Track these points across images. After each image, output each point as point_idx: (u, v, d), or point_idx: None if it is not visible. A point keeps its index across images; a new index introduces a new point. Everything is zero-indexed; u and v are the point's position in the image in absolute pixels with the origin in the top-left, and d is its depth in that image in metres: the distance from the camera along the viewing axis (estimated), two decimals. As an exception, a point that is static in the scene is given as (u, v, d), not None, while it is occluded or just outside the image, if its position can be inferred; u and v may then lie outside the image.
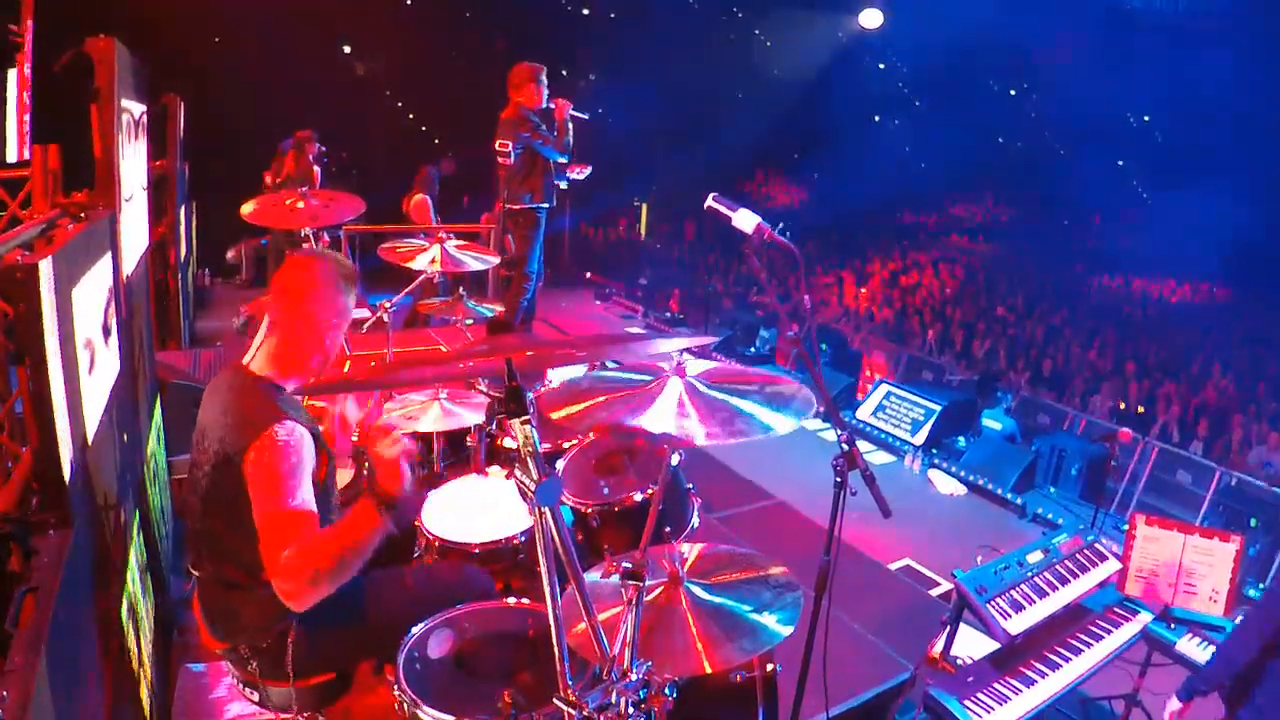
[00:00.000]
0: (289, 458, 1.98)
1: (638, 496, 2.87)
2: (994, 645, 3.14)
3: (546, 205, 6.08)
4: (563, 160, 5.94)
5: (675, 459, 2.83)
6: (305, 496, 1.98)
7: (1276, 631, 2.59)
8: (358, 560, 1.92)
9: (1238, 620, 2.88)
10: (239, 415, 2.05)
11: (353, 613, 2.24)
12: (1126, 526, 3.59)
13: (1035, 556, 3.37)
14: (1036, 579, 3.29)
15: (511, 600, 2.37)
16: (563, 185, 6.06)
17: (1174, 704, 2.89)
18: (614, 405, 1.92)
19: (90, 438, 2.13)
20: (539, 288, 6.44)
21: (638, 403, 1.90)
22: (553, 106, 5.84)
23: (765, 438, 1.81)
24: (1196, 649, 3.25)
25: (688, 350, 2.02)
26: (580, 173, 6.21)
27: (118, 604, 2.27)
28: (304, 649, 2.15)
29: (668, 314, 13.20)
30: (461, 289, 4.72)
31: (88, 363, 2.16)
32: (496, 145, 6.01)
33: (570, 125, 5.85)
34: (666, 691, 1.73)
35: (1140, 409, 9.58)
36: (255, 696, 2.25)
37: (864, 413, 8.50)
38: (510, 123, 5.85)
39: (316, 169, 4.53)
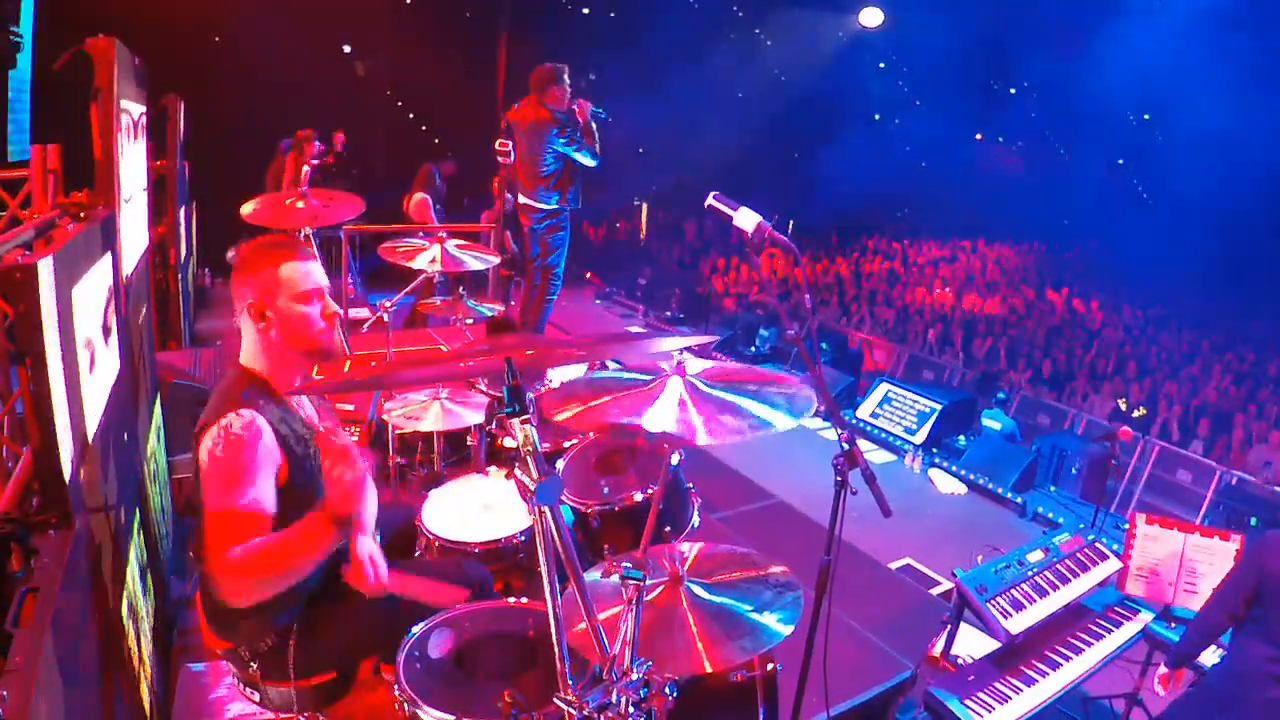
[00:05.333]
0: (240, 452, 1.94)
1: (638, 496, 2.87)
2: (994, 644, 3.14)
3: (572, 207, 6.05)
4: (593, 164, 5.84)
5: (676, 459, 2.83)
6: (257, 495, 1.93)
7: (1237, 603, 2.87)
8: (306, 569, 1.89)
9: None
10: (208, 405, 2.07)
11: (355, 615, 2.24)
12: (1127, 525, 3.59)
13: (1035, 555, 3.38)
14: (1037, 578, 3.29)
15: (511, 600, 2.37)
16: (603, 115, 5.82)
17: (1162, 670, 3.16)
18: (616, 405, 1.91)
19: (91, 437, 2.13)
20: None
21: (639, 402, 1.89)
22: (575, 107, 5.75)
23: (766, 437, 1.82)
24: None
25: (688, 350, 2.02)
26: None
27: (118, 604, 2.27)
28: (305, 651, 2.15)
29: (668, 314, 13.19)
30: (461, 289, 4.72)
31: (88, 362, 2.16)
32: (497, 145, 5.99)
33: (594, 126, 5.77)
34: (667, 691, 1.73)
35: (1141, 410, 9.57)
36: (256, 696, 2.25)
37: (864, 412, 8.50)
38: (539, 125, 5.75)
39: (305, 169, 4.53)
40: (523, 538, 2.81)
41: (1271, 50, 13.26)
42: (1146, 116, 18.71)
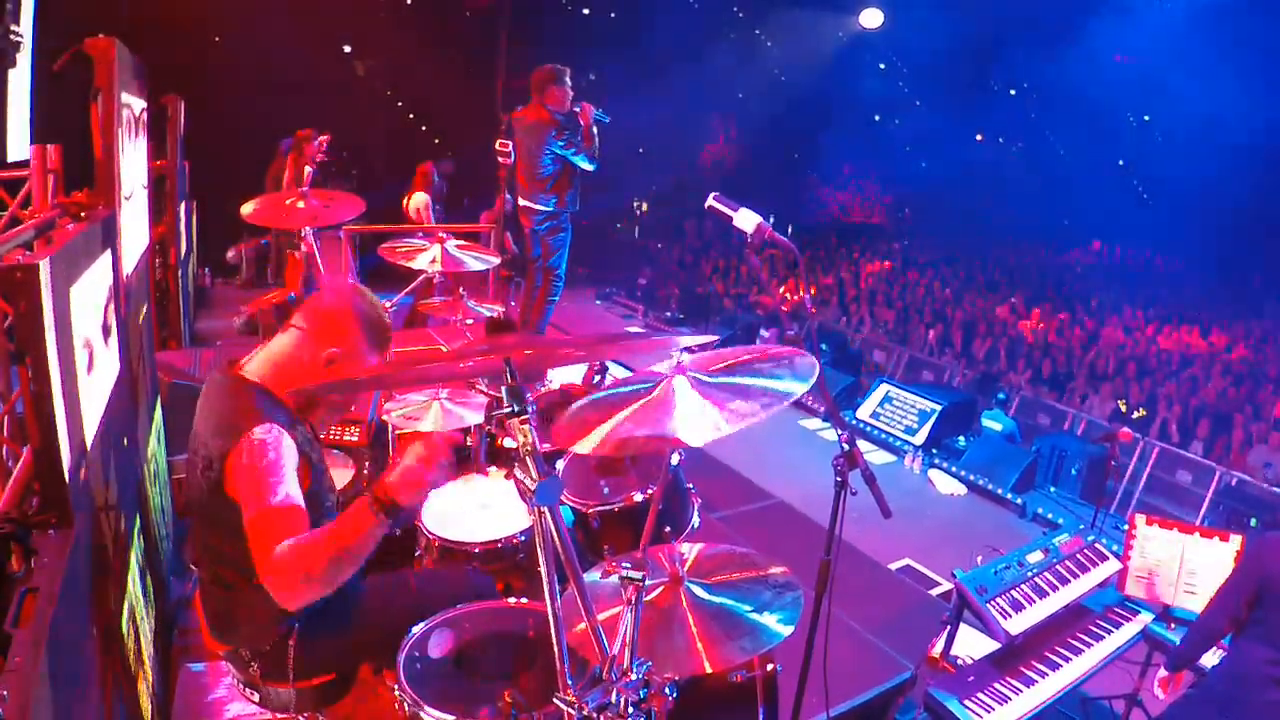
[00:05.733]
0: (266, 454, 1.96)
1: (638, 496, 2.87)
2: (994, 645, 3.14)
3: (571, 210, 6.00)
4: (590, 168, 5.79)
5: (675, 459, 2.83)
6: (289, 492, 1.95)
7: (1239, 606, 2.87)
8: (352, 562, 1.85)
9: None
10: (222, 420, 2.05)
11: (355, 616, 2.24)
12: (1127, 526, 3.59)
13: (1035, 556, 3.38)
14: (1036, 579, 3.29)
15: (511, 600, 2.37)
16: (606, 120, 5.77)
17: (1162, 673, 3.16)
18: (632, 420, 1.82)
19: (90, 437, 2.13)
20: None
21: (656, 412, 1.82)
22: (578, 110, 5.70)
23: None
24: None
25: (688, 350, 2.01)
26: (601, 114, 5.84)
27: (118, 604, 2.27)
28: (305, 652, 2.14)
29: (667, 314, 13.20)
30: (461, 289, 4.72)
31: (86, 362, 2.16)
32: (497, 145, 5.98)
33: (595, 130, 5.71)
34: (666, 691, 1.73)
35: (1141, 411, 9.57)
36: (255, 697, 2.24)
37: (864, 412, 8.50)
38: (538, 126, 5.72)
39: (308, 169, 4.56)
40: (523, 538, 2.81)
41: (1272, 50, 13.27)
42: (1147, 118, 18.72)
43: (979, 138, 21.64)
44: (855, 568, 4.32)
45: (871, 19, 15.88)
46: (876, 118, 21.98)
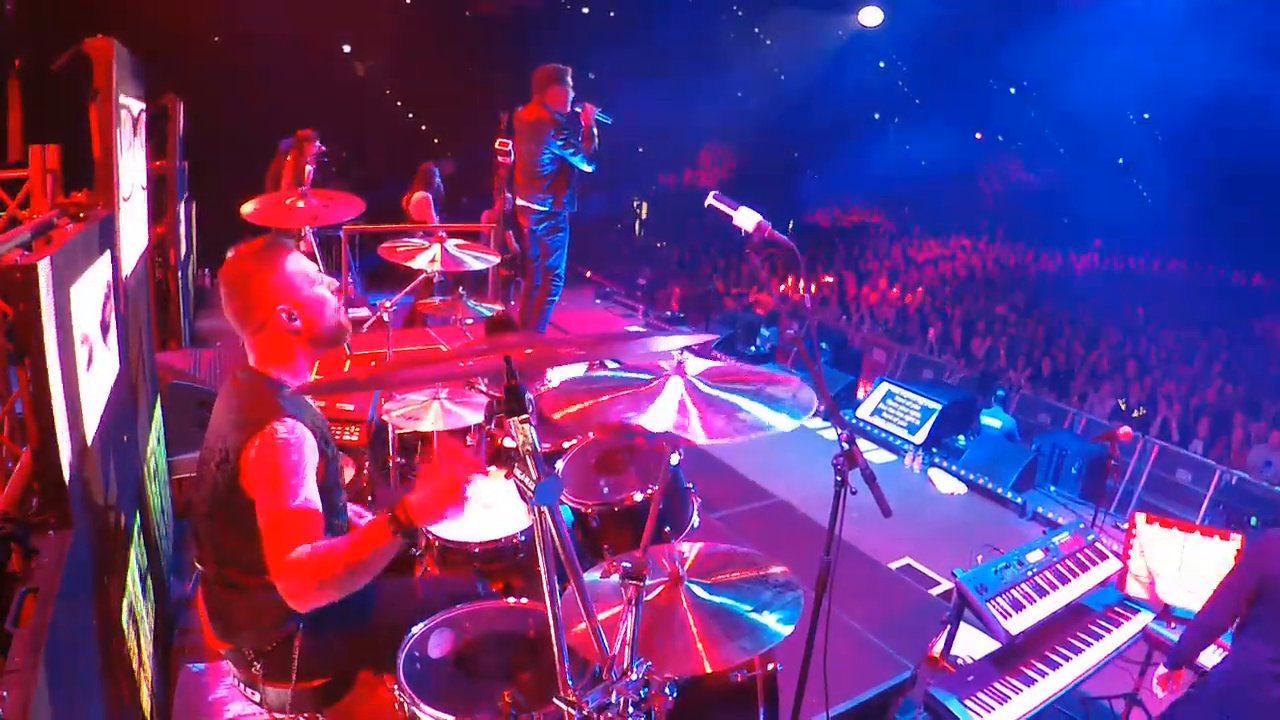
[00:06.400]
0: (289, 455, 1.96)
1: (638, 496, 2.86)
2: (994, 644, 3.14)
3: (568, 210, 5.98)
4: (588, 169, 5.76)
5: (675, 458, 2.82)
6: (308, 494, 1.96)
7: (1239, 604, 2.88)
8: (366, 575, 1.89)
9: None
10: (240, 413, 2.05)
11: (360, 619, 2.24)
12: (1127, 525, 3.59)
13: (1035, 555, 3.37)
14: (1037, 578, 3.29)
15: (511, 600, 2.36)
16: (608, 121, 5.74)
17: (1161, 670, 3.15)
18: (615, 404, 1.91)
19: (90, 438, 2.13)
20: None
21: (639, 401, 1.90)
22: (579, 110, 5.66)
23: (765, 437, 1.82)
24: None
25: (688, 349, 2.02)
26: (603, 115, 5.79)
27: (118, 604, 2.27)
28: (308, 653, 2.14)
29: (668, 313, 13.19)
30: (461, 288, 4.72)
31: (85, 361, 2.16)
32: (496, 144, 5.97)
33: (595, 131, 5.68)
34: (666, 691, 1.73)
35: (1141, 410, 9.57)
36: (256, 697, 2.24)
37: (864, 412, 8.50)
38: (538, 126, 5.69)
39: (308, 168, 4.58)
40: (523, 538, 2.81)
41: (1271, 48, 13.26)
42: (1146, 116, 18.72)
43: (979, 136, 21.64)
44: (855, 567, 4.32)
45: (871, 17, 15.90)
46: (876, 116, 21.99)
